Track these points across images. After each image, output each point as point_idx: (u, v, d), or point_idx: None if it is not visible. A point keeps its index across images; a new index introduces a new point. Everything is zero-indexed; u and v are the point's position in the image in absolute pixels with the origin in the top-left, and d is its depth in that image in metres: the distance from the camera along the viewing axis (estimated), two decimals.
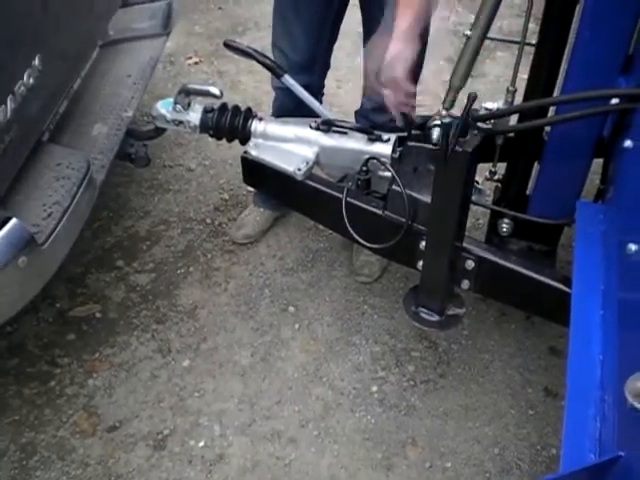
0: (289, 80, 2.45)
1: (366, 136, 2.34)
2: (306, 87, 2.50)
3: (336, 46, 2.76)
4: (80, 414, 2.40)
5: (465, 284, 2.23)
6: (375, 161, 2.33)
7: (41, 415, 2.38)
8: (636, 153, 1.75)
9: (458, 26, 4.30)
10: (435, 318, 2.27)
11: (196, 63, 4.11)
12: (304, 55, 2.57)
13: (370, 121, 2.62)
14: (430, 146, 2.20)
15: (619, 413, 1.39)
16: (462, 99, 2.00)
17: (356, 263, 2.88)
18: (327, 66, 2.80)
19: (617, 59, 1.91)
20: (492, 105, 2.16)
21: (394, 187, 2.20)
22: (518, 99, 2.19)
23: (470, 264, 2.17)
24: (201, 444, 2.32)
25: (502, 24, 4.23)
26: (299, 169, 2.37)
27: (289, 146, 2.42)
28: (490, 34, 2.02)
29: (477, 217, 3.01)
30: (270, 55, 2.52)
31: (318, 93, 2.78)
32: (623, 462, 1.27)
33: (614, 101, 1.90)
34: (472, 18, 1.90)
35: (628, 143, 1.80)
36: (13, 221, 1.82)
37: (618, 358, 1.50)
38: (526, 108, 2.10)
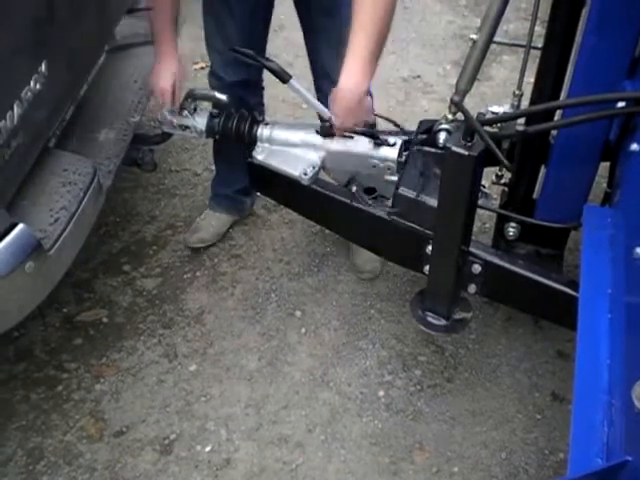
0: (295, 84, 2.45)
1: (372, 140, 2.35)
2: (246, 82, 2.60)
3: None
4: (87, 419, 2.40)
5: (472, 288, 2.22)
6: (381, 165, 2.34)
7: (48, 420, 2.39)
8: None
9: (464, 30, 4.31)
10: (442, 322, 2.27)
11: (202, 68, 4.09)
12: None
13: None
14: (436, 150, 2.21)
15: (626, 417, 1.38)
16: (469, 103, 2.01)
17: (357, 261, 2.89)
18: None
19: (623, 62, 1.91)
20: (498, 109, 2.17)
21: (400, 191, 2.20)
22: (525, 103, 2.19)
23: (477, 268, 2.17)
24: (208, 449, 2.32)
25: (508, 28, 4.23)
26: (305, 173, 2.37)
27: (295, 151, 2.43)
28: (496, 38, 2.02)
29: (484, 221, 3.00)
30: (276, 59, 2.52)
31: (257, 87, 2.85)
32: (630, 467, 1.26)
33: (620, 104, 1.90)
34: (478, 22, 1.90)
35: (635, 146, 1.80)
36: (20, 227, 1.82)
37: (625, 362, 1.50)
38: (532, 112, 2.09)
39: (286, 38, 4.24)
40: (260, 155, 2.47)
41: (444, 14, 4.53)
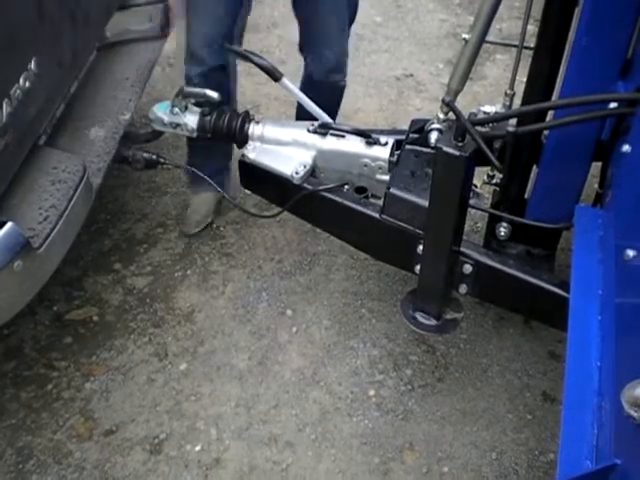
0: (287, 83, 2.45)
1: (364, 140, 2.34)
2: (225, 67, 2.68)
3: None
4: (77, 418, 2.39)
5: (463, 288, 2.22)
6: (373, 165, 2.34)
7: (38, 419, 2.38)
8: (634, 157, 1.75)
9: (457, 28, 4.31)
10: (433, 322, 2.27)
11: None
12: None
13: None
14: (428, 150, 2.21)
15: (616, 420, 1.38)
16: (461, 102, 2.01)
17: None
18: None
19: (615, 63, 1.91)
20: (490, 109, 2.17)
21: (391, 190, 2.19)
22: (517, 102, 2.19)
23: (468, 268, 2.17)
24: (197, 448, 2.31)
25: (502, 27, 4.23)
26: (296, 172, 2.37)
27: (287, 149, 2.43)
28: (489, 37, 2.01)
29: (475, 221, 3.00)
30: (269, 57, 2.52)
31: (234, 71, 2.94)
32: (619, 470, 1.26)
33: (612, 105, 1.89)
34: (471, 21, 1.90)
35: (626, 147, 1.80)
36: (9, 225, 1.81)
37: (615, 364, 1.50)
38: (523, 112, 2.09)
39: (279, 36, 4.24)
40: (251, 154, 2.46)
41: (437, 12, 4.53)
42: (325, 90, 2.78)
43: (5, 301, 1.91)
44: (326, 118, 2.52)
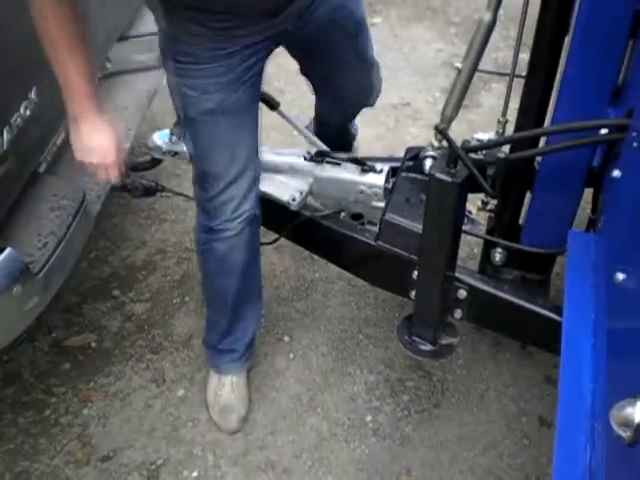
0: (283, 112, 2.48)
1: (359, 167, 2.37)
2: None
3: None
4: (74, 443, 2.40)
5: (458, 313, 2.23)
6: (368, 191, 2.36)
7: (36, 444, 2.38)
8: (624, 183, 1.77)
9: (454, 58, 4.35)
10: (429, 347, 2.27)
11: None
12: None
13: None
14: (422, 176, 2.23)
15: (608, 442, 1.39)
16: (456, 130, 2.03)
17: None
18: None
19: (606, 90, 1.93)
20: (484, 136, 2.19)
21: (387, 217, 2.22)
22: (510, 129, 2.22)
23: (462, 293, 2.18)
24: (194, 474, 2.32)
25: (498, 56, 4.27)
26: (293, 199, 2.39)
27: (283, 176, 2.45)
28: (485, 66, 2.04)
29: (472, 247, 3.02)
30: (267, 86, 2.53)
31: None
32: None
33: (603, 131, 1.92)
34: None
35: (617, 173, 1.82)
36: (8, 251, 1.83)
37: (608, 387, 1.51)
38: (514, 139, 2.11)
39: (278, 64, 4.26)
40: None
41: (434, 42, 4.57)
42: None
43: (4, 326, 1.93)
44: (323, 146, 2.55)
